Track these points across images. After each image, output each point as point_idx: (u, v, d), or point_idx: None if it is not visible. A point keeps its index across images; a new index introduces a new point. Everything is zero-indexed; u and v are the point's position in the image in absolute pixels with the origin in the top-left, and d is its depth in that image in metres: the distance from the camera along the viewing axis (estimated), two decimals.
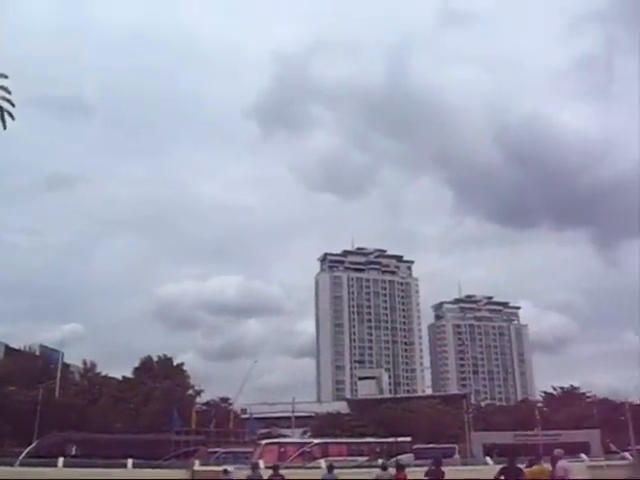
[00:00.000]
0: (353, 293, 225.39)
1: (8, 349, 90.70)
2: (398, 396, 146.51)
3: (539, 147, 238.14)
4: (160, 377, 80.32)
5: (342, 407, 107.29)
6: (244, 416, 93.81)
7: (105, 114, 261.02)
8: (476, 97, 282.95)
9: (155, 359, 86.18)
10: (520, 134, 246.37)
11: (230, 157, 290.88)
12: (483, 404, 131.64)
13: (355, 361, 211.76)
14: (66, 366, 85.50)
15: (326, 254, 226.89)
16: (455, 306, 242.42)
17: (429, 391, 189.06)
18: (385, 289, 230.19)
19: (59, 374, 73.90)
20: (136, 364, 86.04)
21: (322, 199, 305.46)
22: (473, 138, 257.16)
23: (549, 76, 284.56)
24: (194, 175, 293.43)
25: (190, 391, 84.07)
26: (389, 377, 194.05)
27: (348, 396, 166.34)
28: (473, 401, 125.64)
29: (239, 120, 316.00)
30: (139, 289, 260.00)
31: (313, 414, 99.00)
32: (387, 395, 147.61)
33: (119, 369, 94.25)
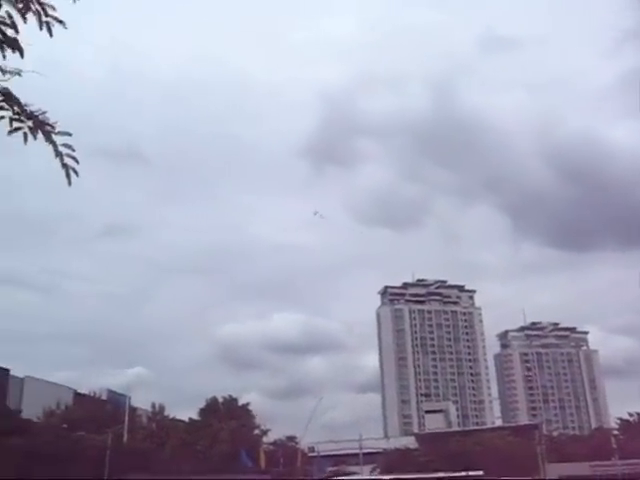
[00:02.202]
0: (415, 325, 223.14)
1: (77, 394, 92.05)
2: (467, 429, 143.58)
3: (593, 166, 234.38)
4: (226, 418, 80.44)
5: (410, 442, 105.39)
6: (311, 454, 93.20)
7: (159, 161, 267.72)
8: (525, 120, 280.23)
9: (220, 400, 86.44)
10: (573, 154, 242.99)
11: (283, 197, 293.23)
12: (555, 434, 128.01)
13: (421, 394, 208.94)
14: (133, 410, 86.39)
15: (386, 287, 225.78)
16: (521, 334, 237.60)
17: (499, 422, 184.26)
18: (448, 320, 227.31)
19: (127, 418, 74.68)
20: (202, 405, 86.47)
21: (378, 233, 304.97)
22: (525, 162, 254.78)
23: (598, 93, 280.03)
24: (249, 217, 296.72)
25: (256, 431, 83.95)
26: (457, 409, 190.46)
27: (415, 430, 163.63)
28: (545, 431, 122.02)
29: (290, 160, 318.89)
30: (201, 331, 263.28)
31: (381, 450, 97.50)
32: (456, 428, 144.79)
33: (185, 411, 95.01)
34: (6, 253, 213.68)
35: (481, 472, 50.17)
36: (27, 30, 5.93)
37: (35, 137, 6.00)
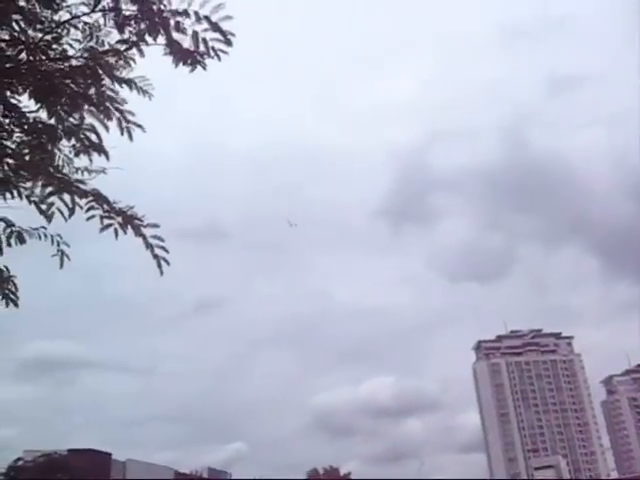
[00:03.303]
0: (514, 379, 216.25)
1: (177, 474, 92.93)
2: None
3: None
4: None
5: None
6: None
7: (239, 235, 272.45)
8: (602, 156, 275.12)
9: (321, 471, 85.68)
10: None
11: (365, 260, 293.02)
12: None
13: (528, 450, 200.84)
14: None
15: (480, 342, 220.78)
16: (627, 378, 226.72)
17: (614, 474, 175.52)
18: (547, 370, 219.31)
19: None
20: (302, 477, 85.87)
21: (465, 287, 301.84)
22: (607, 199, 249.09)
23: None
24: (333, 282, 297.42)
25: None
26: (567, 463, 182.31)
27: None
28: None
29: (368, 222, 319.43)
30: (295, 402, 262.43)
31: None
32: None
33: None
34: (103, 339, 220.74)
35: None
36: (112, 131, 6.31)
37: (125, 232, 6.28)
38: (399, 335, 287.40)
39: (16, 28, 5.68)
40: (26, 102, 5.99)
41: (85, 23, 5.89)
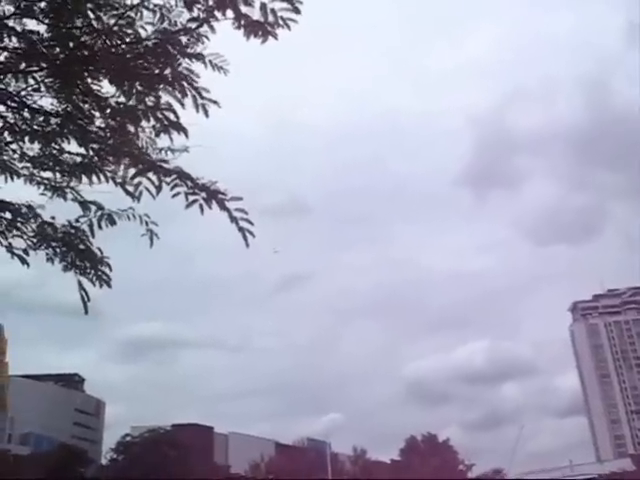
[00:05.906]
0: (614, 339, 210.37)
1: (278, 445, 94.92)
2: None
3: None
4: (428, 456, 79.63)
5: (626, 465, 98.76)
6: None
7: (322, 209, 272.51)
8: None
9: (419, 438, 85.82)
10: None
11: (451, 227, 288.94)
12: None
13: (632, 412, 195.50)
14: (334, 455, 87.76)
15: (575, 302, 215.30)
16: None
17: None
18: None
19: (329, 465, 75.85)
20: (401, 446, 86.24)
21: (556, 249, 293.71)
22: None
23: None
24: (420, 251, 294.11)
25: (460, 466, 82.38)
26: None
27: (631, 451, 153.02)
28: None
29: (452, 189, 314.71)
30: (388, 371, 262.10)
31: (596, 476, 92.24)
32: None
33: (385, 452, 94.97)
34: (196, 318, 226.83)
35: None
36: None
37: (210, 207, 6.39)
38: (490, 300, 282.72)
39: (90, 15, 5.82)
40: (106, 88, 6.16)
41: (155, 5, 5.98)
